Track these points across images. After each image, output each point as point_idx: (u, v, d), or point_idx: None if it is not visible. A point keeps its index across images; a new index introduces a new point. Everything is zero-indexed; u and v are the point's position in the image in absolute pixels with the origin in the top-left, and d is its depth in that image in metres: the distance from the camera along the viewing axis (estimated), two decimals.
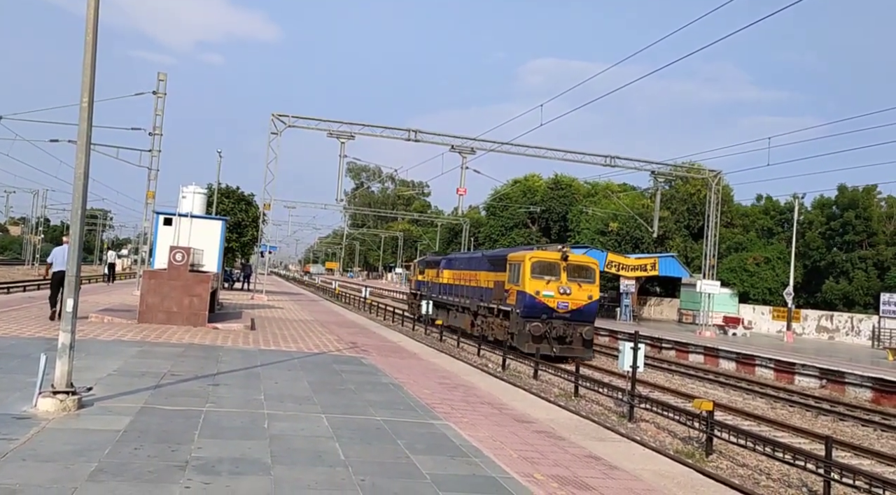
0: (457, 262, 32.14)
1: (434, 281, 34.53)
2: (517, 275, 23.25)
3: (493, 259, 26.81)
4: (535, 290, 22.57)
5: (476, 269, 28.31)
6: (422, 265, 38.34)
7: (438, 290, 33.43)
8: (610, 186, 63.76)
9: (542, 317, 22.38)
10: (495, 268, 25.70)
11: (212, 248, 19.89)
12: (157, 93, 28.19)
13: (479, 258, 28.76)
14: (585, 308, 22.94)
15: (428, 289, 35.27)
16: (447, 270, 32.60)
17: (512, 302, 23.52)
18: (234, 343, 14.60)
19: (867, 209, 49.55)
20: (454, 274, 31.48)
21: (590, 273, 23.50)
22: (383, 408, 9.05)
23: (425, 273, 36.73)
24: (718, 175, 39.42)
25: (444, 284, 32.75)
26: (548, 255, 23.39)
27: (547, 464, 7.06)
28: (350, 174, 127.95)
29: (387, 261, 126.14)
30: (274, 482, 5.62)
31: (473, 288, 28.07)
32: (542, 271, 22.84)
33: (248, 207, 41.00)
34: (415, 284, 39.08)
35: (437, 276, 33.97)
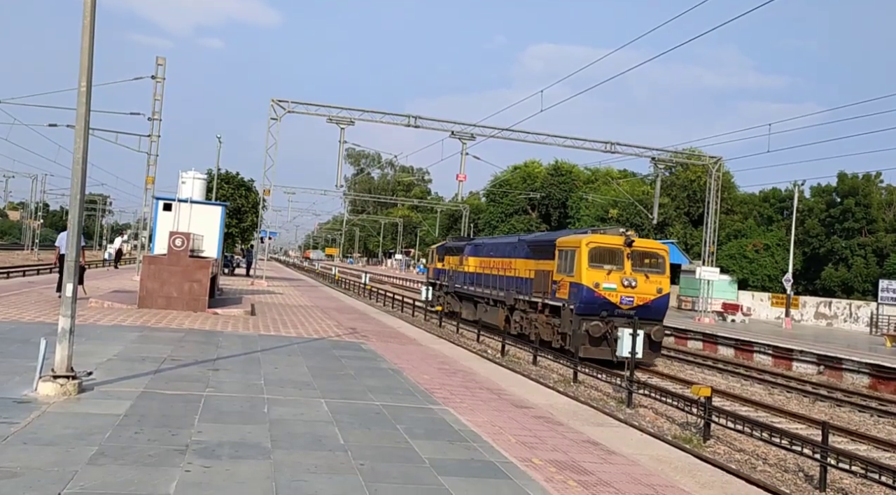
0: (485, 248, 27.91)
1: (456, 269, 30.44)
2: (570, 263, 19.58)
3: (535, 245, 23.05)
4: (594, 282, 18.80)
5: (511, 256, 24.42)
6: (441, 251, 33.94)
7: (462, 280, 29.41)
8: (610, 173, 63.68)
9: (601, 314, 18.84)
10: (537, 256, 22.18)
11: (211, 234, 19.89)
12: (155, 77, 28.06)
13: (516, 244, 24.68)
14: (654, 303, 19.29)
15: (449, 279, 31.36)
16: (473, 257, 28.64)
17: (563, 295, 19.68)
18: (234, 328, 14.63)
19: (867, 196, 49.52)
20: (482, 261, 27.50)
21: (659, 261, 19.89)
22: (382, 393, 9.09)
23: (445, 260, 32.70)
24: (719, 161, 39.34)
25: (469, 273, 28.66)
26: (608, 240, 19.64)
27: (545, 449, 7.09)
28: (350, 160, 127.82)
29: (386, 247, 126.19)
30: (274, 466, 5.65)
31: (508, 278, 24.07)
32: (601, 259, 19.23)
33: (248, 193, 40.94)
34: (433, 273, 34.82)
35: (461, 264, 29.84)
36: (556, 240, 20.91)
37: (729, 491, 6.44)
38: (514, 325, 23.23)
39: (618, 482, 6.19)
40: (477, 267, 27.91)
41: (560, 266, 20.19)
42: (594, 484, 6.02)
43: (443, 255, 33.33)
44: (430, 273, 35.28)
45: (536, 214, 73.03)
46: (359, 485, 5.37)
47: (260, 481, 5.25)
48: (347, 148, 47.90)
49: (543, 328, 20.84)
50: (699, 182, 50.42)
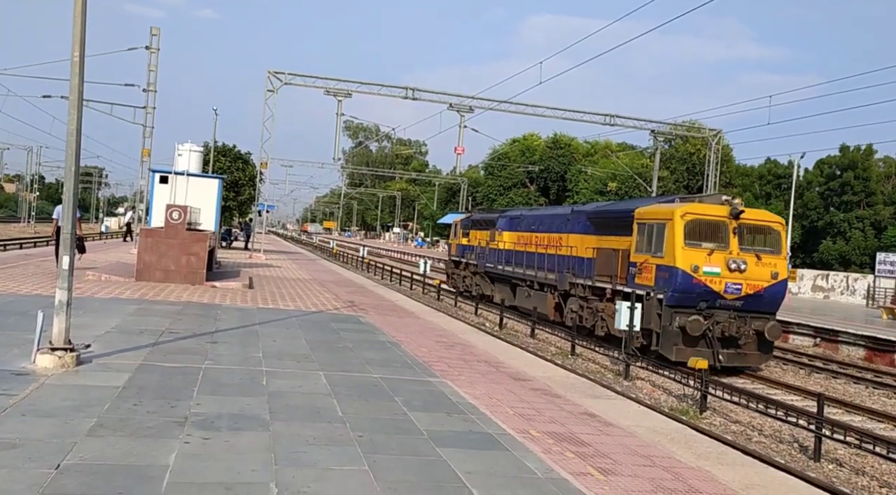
0: (526, 221, 23.78)
1: (488, 246, 26.01)
2: (657, 240, 15.44)
3: (599, 217, 19.14)
4: (692, 265, 14.70)
5: (563, 231, 20.58)
6: (466, 225, 29.36)
7: (495, 258, 25.04)
8: (609, 146, 63.35)
9: (698, 305, 14.81)
10: (602, 230, 18.40)
11: (209, 207, 19.82)
12: (150, 48, 27.73)
13: (568, 216, 20.90)
14: (768, 292, 15.22)
15: (478, 257, 26.93)
16: (509, 232, 24.51)
17: (646, 281, 15.51)
18: (233, 301, 14.64)
19: (866, 169, 49.41)
20: (521, 237, 23.43)
21: (773, 237, 15.68)
22: (381, 366, 9.12)
23: (471, 236, 28.35)
24: (719, 134, 39.14)
25: (504, 251, 24.45)
26: (709, 211, 15.42)
27: (543, 421, 7.13)
28: (348, 133, 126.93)
29: (384, 220, 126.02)
30: (272, 437, 5.68)
31: (560, 257, 20.14)
32: (701, 235, 15.10)
33: (245, 166, 40.71)
34: (456, 250, 30.10)
35: (493, 240, 25.58)
36: (636, 211, 16.52)
37: (724, 462, 6.49)
38: (569, 315, 19.04)
39: (615, 453, 6.24)
40: (515, 243, 23.74)
41: (641, 243, 16.02)
42: (591, 456, 6.06)
43: (468, 230, 28.91)
44: (454, 249, 30.69)
45: (535, 187, 72.84)
46: (357, 456, 5.40)
47: (259, 452, 5.27)
48: (345, 120, 47.68)
49: (614, 321, 16.15)
50: (698, 155, 50.22)
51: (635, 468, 5.87)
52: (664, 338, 14.95)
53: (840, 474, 8.95)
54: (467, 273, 28.28)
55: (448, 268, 31.50)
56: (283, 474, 4.86)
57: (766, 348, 15.49)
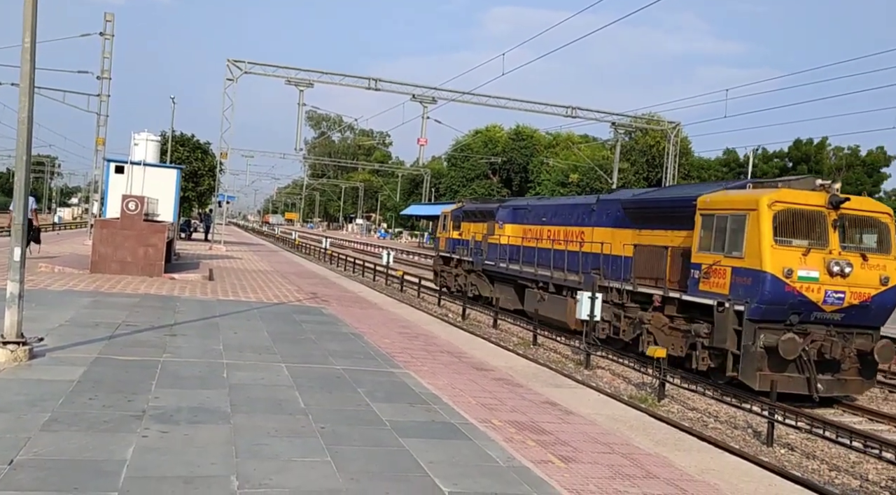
0: (535, 212, 20.68)
1: (486, 241, 22.70)
2: (736, 236, 12.24)
3: (640, 206, 15.70)
4: (784, 268, 11.63)
5: (586, 223, 17.55)
6: (458, 217, 25.63)
7: (496, 255, 21.73)
8: (571, 138, 63.89)
9: (787, 319, 11.78)
10: (645, 223, 15.25)
11: (167, 197, 19.47)
12: (104, 34, 27.02)
13: (592, 205, 17.62)
14: (876, 301, 12.10)
15: (473, 253, 23.49)
16: (513, 225, 21.50)
17: (719, 288, 12.40)
18: (192, 293, 14.41)
19: (819, 163, 50.77)
20: (530, 230, 20.37)
21: (882, 231, 12.52)
22: (343, 358, 9.09)
23: (463, 229, 24.86)
24: (677, 127, 39.79)
25: (506, 246, 21.33)
26: (803, 199, 12.14)
27: (505, 410, 7.20)
28: (310, 123, 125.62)
29: (347, 211, 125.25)
30: (233, 430, 5.63)
31: (584, 255, 16.99)
32: (794, 230, 11.96)
33: (205, 156, 40.05)
34: (446, 244, 26.51)
35: (492, 234, 22.33)
36: (699, 200, 13.23)
37: (681, 448, 6.65)
38: (598, 326, 15.59)
39: (575, 441, 6.33)
40: (521, 238, 20.56)
41: (707, 240, 12.88)
42: (552, 444, 6.15)
43: (460, 222, 25.30)
44: (443, 244, 26.94)
45: (498, 179, 73.14)
46: (320, 448, 5.38)
47: (220, 445, 5.22)
48: (307, 110, 47.08)
49: (666, 335, 13.65)
50: (658, 147, 50.98)
51: (595, 455, 5.97)
52: (745, 361, 11.71)
53: (792, 458, 9.23)
54: (460, 271, 24.65)
55: (436, 264, 27.59)
56: (244, 466, 4.82)
57: (870, 373, 12.28)
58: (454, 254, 25.28)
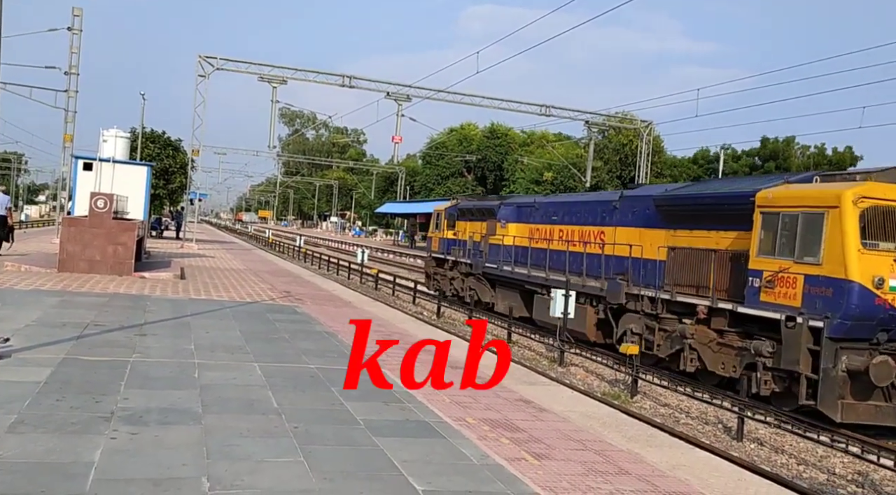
0: (544, 210, 18.97)
1: (486, 241, 21.01)
2: (811, 238, 10.62)
3: (677, 203, 13.94)
4: (875, 278, 10.03)
5: (608, 223, 15.93)
6: (453, 215, 23.87)
7: (498, 257, 19.92)
8: (545, 136, 64.18)
9: (875, 338, 10.22)
10: (684, 222, 13.54)
11: (137, 195, 19.18)
12: (72, 29, 26.51)
13: (614, 202, 15.90)
14: None
15: (471, 255, 21.72)
16: (517, 224, 20.01)
17: (789, 300, 10.75)
18: (163, 292, 14.22)
19: (787, 160, 51.63)
20: (538, 230, 18.77)
21: None
22: (317, 356, 9.03)
23: (459, 228, 23.14)
24: (650, 125, 40.18)
25: (511, 247, 19.57)
26: (893, 194, 10.42)
27: (479, 408, 7.21)
28: (283, 120, 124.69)
29: (322, 209, 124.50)
30: (205, 430, 5.56)
31: (607, 258, 15.27)
32: (882, 232, 10.31)
33: (176, 153, 39.49)
34: (439, 245, 24.53)
35: (492, 234, 20.71)
36: (758, 196, 11.42)
37: (653, 444, 6.71)
38: (626, 337, 14.02)
39: (548, 438, 6.36)
40: (528, 238, 18.86)
41: (771, 243, 11.10)
42: (526, 441, 6.17)
43: (455, 221, 23.56)
44: (436, 244, 24.99)
45: (472, 177, 73.23)
46: (293, 448, 5.34)
47: (191, 446, 5.16)
48: (280, 107, 46.70)
49: (714, 353, 11.98)
50: (631, 146, 51.42)
51: (568, 452, 6.00)
52: (825, 387, 10.03)
53: (761, 453, 9.37)
54: (456, 274, 22.69)
55: (428, 266, 25.73)
56: (215, 467, 4.76)
57: None
58: (449, 255, 23.38)
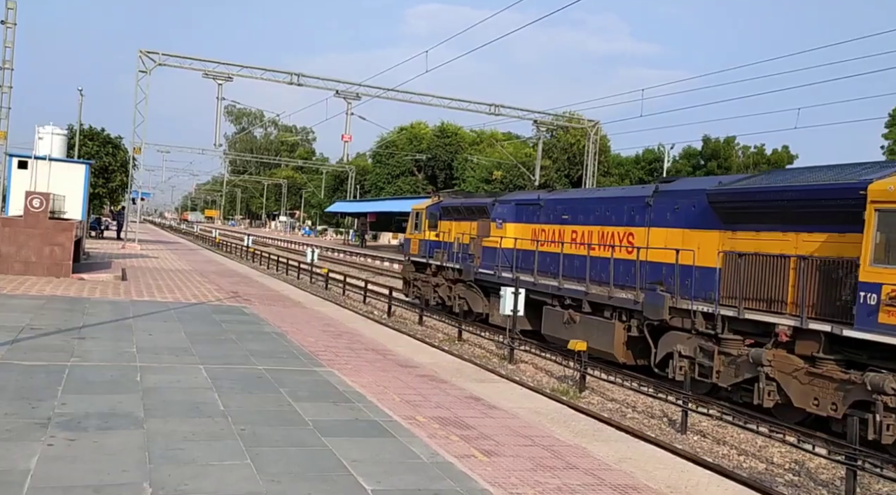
0: (552, 208, 16.32)
1: (478, 243, 18.41)
2: None
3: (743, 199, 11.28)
4: None
5: (638, 223, 13.40)
6: (435, 214, 20.99)
7: (494, 262, 17.13)
8: (495, 135, 64.59)
9: None
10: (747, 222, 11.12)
11: (75, 194, 18.59)
12: (6, 22, 25.46)
13: (647, 197, 13.32)
14: None
15: (460, 259, 18.95)
16: (518, 224, 17.40)
17: None
18: (103, 294, 13.80)
19: (727, 159, 53.21)
20: (546, 231, 16.24)
21: None
22: (265, 357, 8.90)
23: (443, 228, 20.39)
24: (596, 125, 40.85)
25: (511, 251, 16.71)
26: None
27: (429, 407, 7.22)
28: (230, 118, 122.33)
29: (270, 208, 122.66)
30: (147, 435, 5.42)
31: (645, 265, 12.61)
32: None
33: (116, 151, 38.35)
34: (420, 247, 21.72)
35: (486, 235, 18.11)
36: (872, 188, 9.16)
37: (600, 438, 6.83)
38: (674, 364, 11.58)
39: (498, 435, 6.41)
40: (532, 240, 16.35)
41: (888, 247, 8.92)
42: (475, 438, 6.20)
43: (438, 220, 20.73)
44: (415, 247, 22.13)
45: (423, 176, 73.23)
46: (239, 451, 5.25)
47: (132, 451, 5.02)
48: (227, 105, 45.69)
49: (804, 385, 9.65)
50: (578, 145, 52.19)
51: (517, 448, 6.06)
52: None
53: (704, 444, 9.62)
54: (441, 280, 19.97)
55: (406, 271, 22.80)
56: (158, 473, 4.65)
57: None
58: (432, 259, 20.61)
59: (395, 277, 33.69)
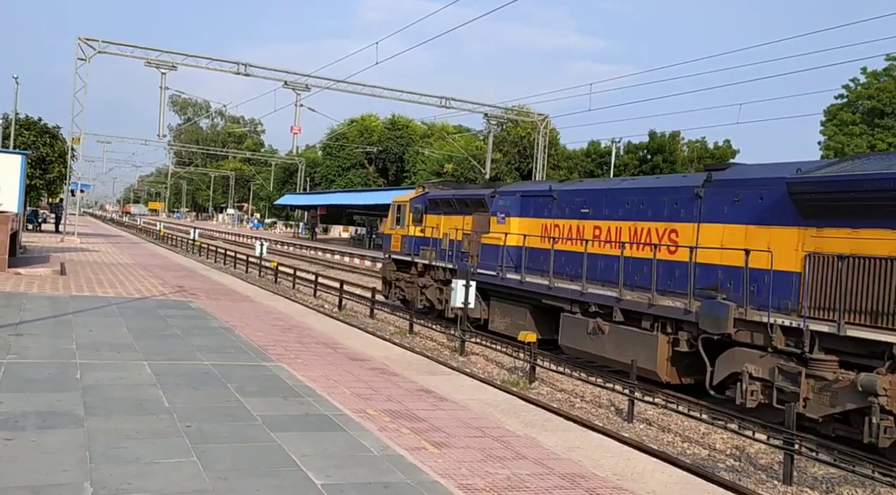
0: (569, 202, 14.37)
1: (474, 240, 16.29)
2: None
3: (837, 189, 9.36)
4: None
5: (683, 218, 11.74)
6: (420, 208, 18.86)
7: (498, 260, 15.00)
8: (446, 128, 64.65)
9: None
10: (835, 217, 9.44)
11: (10, 186, 17.84)
12: None
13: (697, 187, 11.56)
14: None
15: (453, 258, 16.79)
16: (524, 219, 15.43)
17: None
18: (41, 289, 13.33)
19: (672, 153, 54.42)
20: (562, 227, 14.33)
21: None
22: (212, 353, 8.74)
23: (429, 222, 18.37)
24: (546, 119, 41.25)
25: (522, 250, 14.44)
26: None
27: (380, 400, 7.20)
28: (175, 108, 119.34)
29: (218, 201, 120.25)
30: (88, 434, 5.26)
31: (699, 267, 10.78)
32: None
33: (54, 141, 36.96)
34: (401, 244, 19.67)
35: (485, 231, 16.07)
36: None
37: (549, 428, 6.93)
38: (743, 389, 9.62)
39: (448, 427, 6.44)
40: (542, 237, 14.58)
41: None
42: (426, 430, 6.22)
43: (422, 214, 18.72)
44: (397, 243, 19.92)
45: (374, 168, 72.82)
46: (185, 448, 5.15)
47: (72, 451, 4.87)
48: (171, 95, 44.54)
49: None
50: (528, 138, 52.63)
51: (467, 439, 6.10)
52: None
53: (650, 432, 9.86)
54: (429, 281, 17.87)
55: (386, 271, 20.36)
56: (99, 472, 4.52)
57: None
58: (418, 257, 18.32)
59: (345, 270, 33.47)
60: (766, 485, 7.74)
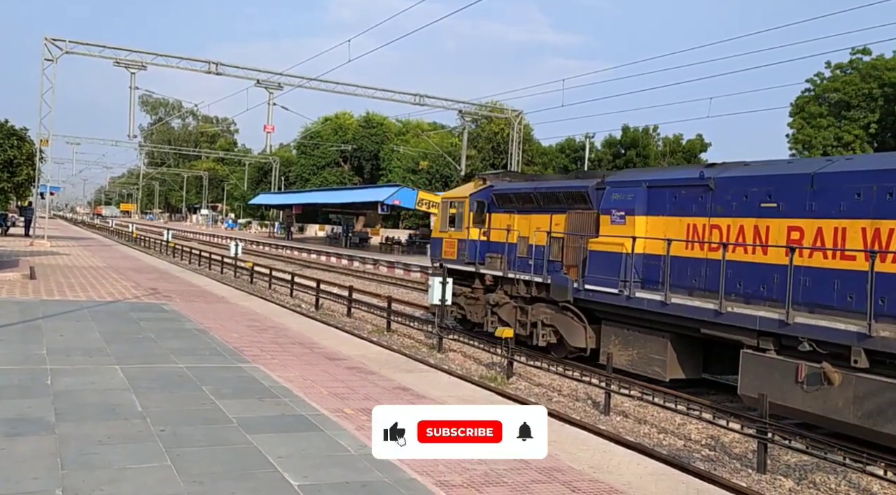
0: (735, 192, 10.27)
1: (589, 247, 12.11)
2: None
3: None
4: None
5: None
6: (484, 203, 15.06)
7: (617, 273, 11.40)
8: (420, 125, 64.57)
9: None
10: None
11: None
12: None
13: None
14: None
15: (544, 270, 12.99)
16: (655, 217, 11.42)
17: None
18: (10, 294, 13.09)
19: (646, 148, 54.92)
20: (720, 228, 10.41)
21: None
22: (187, 355, 8.65)
23: (496, 222, 14.69)
24: (520, 115, 41.40)
25: (659, 259, 10.90)
26: None
27: (357, 399, 7.18)
28: (146, 108, 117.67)
29: (191, 201, 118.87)
30: (59, 440, 5.18)
31: None
32: None
33: (21, 143, 36.23)
34: (458, 250, 15.63)
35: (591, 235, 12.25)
36: None
37: None
38: None
39: None
40: (691, 242, 10.76)
41: None
42: None
43: (485, 213, 14.96)
44: (451, 250, 15.88)
45: (349, 167, 72.54)
46: (159, 452, 5.09)
47: (43, 457, 4.80)
48: (141, 95, 43.96)
49: None
50: (503, 134, 52.75)
51: None
52: None
53: (626, 424, 9.95)
54: (503, 298, 14.21)
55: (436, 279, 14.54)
56: (71, 479, 4.46)
57: None
58: (485, 267, 14.60)
59: (322, 269, 33.30)
60: (740, 474, 7.86)
